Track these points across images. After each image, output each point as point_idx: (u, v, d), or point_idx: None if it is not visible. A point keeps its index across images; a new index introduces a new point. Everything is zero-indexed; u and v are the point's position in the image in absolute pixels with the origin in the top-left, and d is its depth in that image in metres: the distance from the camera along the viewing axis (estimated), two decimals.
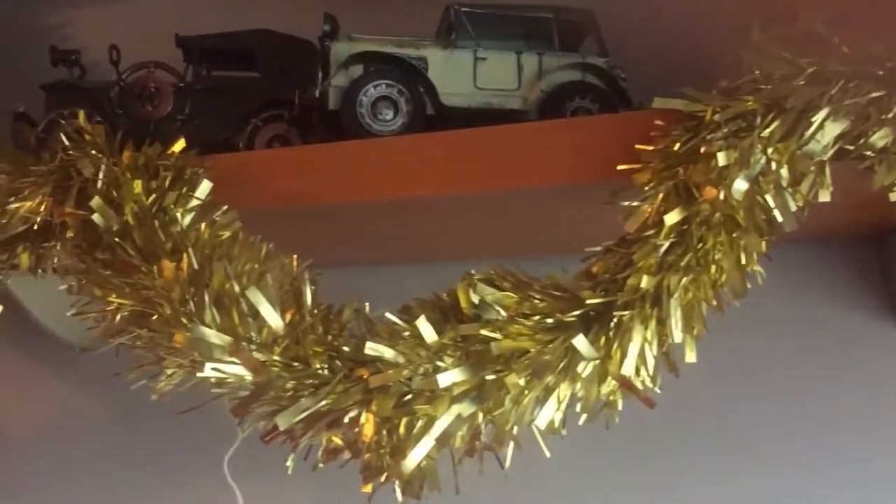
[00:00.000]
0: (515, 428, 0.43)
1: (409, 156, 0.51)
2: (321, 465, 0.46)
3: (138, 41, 0.65)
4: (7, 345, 0.81)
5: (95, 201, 0.48)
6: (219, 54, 0.65)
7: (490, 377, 0.42)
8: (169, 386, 0.47)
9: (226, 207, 0.51)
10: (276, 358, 0.44)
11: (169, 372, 0.47)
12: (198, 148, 0.53)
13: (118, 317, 0.48)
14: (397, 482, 0.44)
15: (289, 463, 0.46)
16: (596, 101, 0.56)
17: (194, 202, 0.51)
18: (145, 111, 0.62)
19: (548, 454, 0.45)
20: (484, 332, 0.43)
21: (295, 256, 0.48)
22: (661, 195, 0.43)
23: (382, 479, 0.44)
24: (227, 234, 0.50)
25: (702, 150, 0.41)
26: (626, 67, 0.59)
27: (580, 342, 0.42)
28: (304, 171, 0.52)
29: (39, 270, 0.55)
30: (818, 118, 0.39)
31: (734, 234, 0.41)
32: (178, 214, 0.49)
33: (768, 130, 0.40)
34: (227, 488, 0.54)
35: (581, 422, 0.44)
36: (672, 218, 0.41)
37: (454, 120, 0.55)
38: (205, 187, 0.51)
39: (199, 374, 0.43)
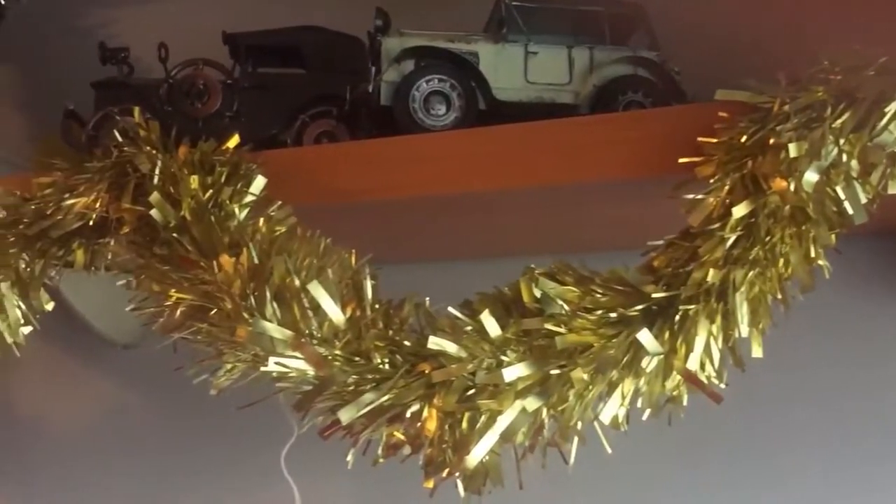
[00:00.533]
0: (579, 424, 0.43)
1: (463, 150, 0.51)
2: (381, 460, 0.46)
3: (183, 38, 0.65)
4: (51, 341, 0.81)
5: (154, 197, 0.48)
6: (265, 51, 0.65)
7: (555, 372, 0.42)
8: (228, 381, 0.47)
9: (280, 203, 0.51)
10: (337, 353, 0.44)
11: (228, 367, 0.47)
12: (247, 144, 0.53)
13: (178, 312, 0.48)
14: (459, 477, 0.44)
15: (349, 458, 0.46)
16: (648, 96, 0.56)
17: (249, 198, 0.51)
18: (194, 108, 0.62)
19: (609, 450, 0.45)
20: (548, 326, 0.42)
21: (353, 251, 0.48)
22: (726, 188, 0.42)
23: (444, 474, 0.44)
24: (282, 229, 0.50)
25: (771, 141, 0.40)
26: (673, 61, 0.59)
27: (645, 336, 0.42)
28: (358, 166, 0.52)
29: (93, 267, 0.56)
30: (891, 109, 0.39)
31: (803, 227, 0.41)
32: (235, 210, 0.49)
33: (839, 121, 0.40)
34: (282, 483, 0.53)
35: (644, 417, 0.44)
36: (740, 210, 0.41)
37: (506, 114, 0.54)
38: (259, 183, 0.51)
39: (262, 369, 0.43)
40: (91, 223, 0.53)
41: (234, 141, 0.52)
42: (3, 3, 0.67)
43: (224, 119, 0.62)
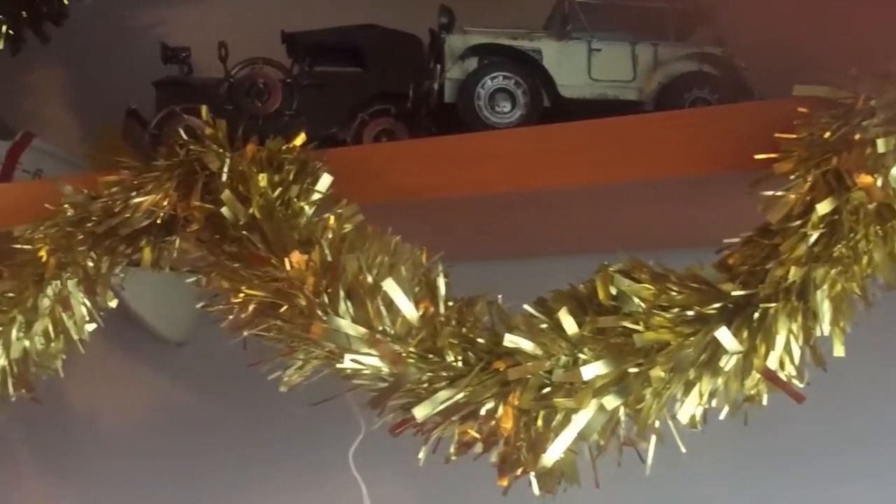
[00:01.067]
0: (657, 422, 0.42)
1: (529, 148, 0.51)
2: (453, 457, 0.46)
3: (235, 37, 0.66)
4: (104, 338, 0.82)
5: (225, 195, 0.49)
6: (322, 50, 0.65)
7: (633, 370, 0.41)
8: (300, 378, 0.47)
9: (345, 201, 0.51)
10: (411, 350, 0.44)
11: (299, 363, 0.47)
12: (312, 142, 0.53)
13: (250, 308, 0.48)
14: (534, 476, 0.43)
15: (421, 455, 0.46)
16: (715, 92, 0.55)
17: (315, 196, 0.51)
18: (254, 107, 0.62)
19: (683, 449, 0.44)
20: (625, 324, 0.42)
21: (424, 249, 0.47)
22: (807, 184, 0.42)
23: (519, 472, 0.44)
24: (349, 227, 0.50)
25: (856, 136, 0.40)
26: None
27: (724, 335, 0.41)
28: (423, 164, 0.52)
29: (158, 265, 0.56)
30: None
31: (889, 224, 0.40)
32: (304, 207, 0.49)
33: None
34: (348, 480, 0.53)
35: (721, 416, 0.43)
36: (824, 207, 0.40)
37: (570, 111, 0.54)
38: (325, 181, 0.51)
39: (338, 366, 0.43)
40: (159, 221, 0.53)
41: (300, 139, 0.52)
42: (66, 2, 0.68)
43: (283, 117, 0.62)
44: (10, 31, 0.66)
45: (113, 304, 0.58)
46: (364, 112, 0.62)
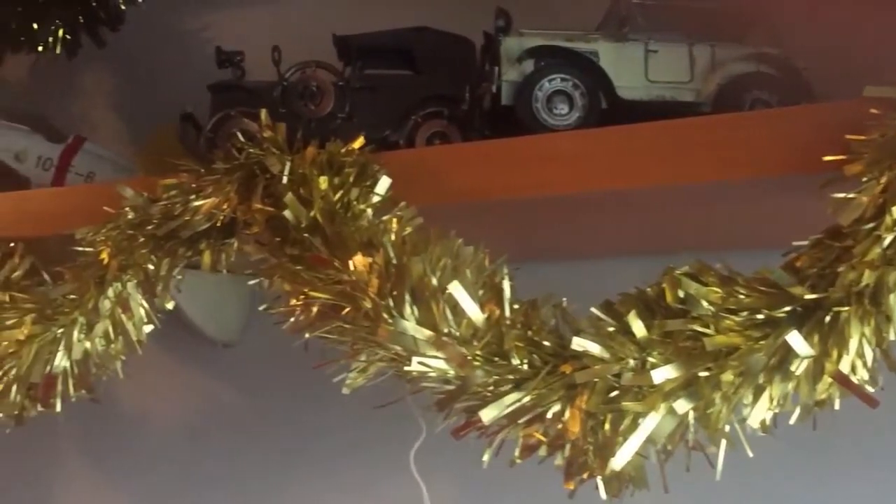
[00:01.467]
0: (727, 427, 0.42)
1: (589, 150, 0.50)
2: (518, 461, 0.45)
3: (286, 40, 0.66)
4: (153, 340, 0.83)
5: (289, 197, 0.49)
6: (374, 52, 0.65)
7: (703, 374, 0.41)
8: (363, 380, 0.47)
9: (404, 203, 0.52)
10: (476, 353, 0.44)
11: (360, 366, 0.47)
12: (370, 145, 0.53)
13: (312, 311, 0.48)
14: (601, 480, 0.43)
15: (485, 458, 0.46)
16: (774, 93, 0.55)
17: (375, 198, 0.51)
18: (308, 110, 0.63)
19: (751, 454, 0.44)
20: (694, 327, 0.42)
21: (487, 251, 0.47)
22: (880, 186, 0.41)
23: (585, 476, 0.44)
24: (409, 229, 0.50)
25: None
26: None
27: (795, 339, 0.41)
28: (484, 166, 0.52)
29: (216, 268, 0.57)
30: None
31: None
32: (367, 210, 0.49)
33: None
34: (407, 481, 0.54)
35: (792, 421, 0.43)
36: None
37: (627, 113, 0.54)
38: (384, 183, 0.52)
39: (405, 368, 0.43)
40: (218, 224, 0.54)
41: (359, 142, 0.53)
42: (122, 6, 0.69)
43: (336, 120, 0.62)
44: (68, 36, 0.67)
45: (170, 305, 0.59)
46: (417, 115, 0.62)
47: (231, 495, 0.79)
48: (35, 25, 0.64)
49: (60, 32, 0.66)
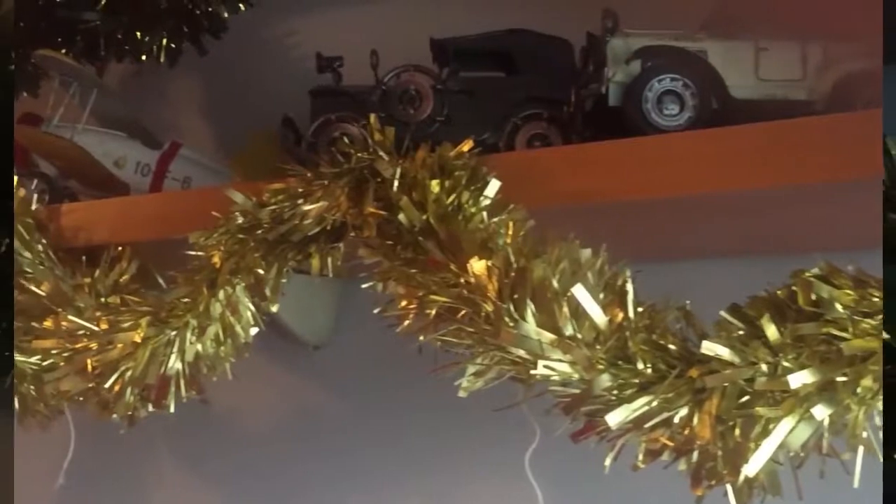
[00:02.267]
0: (864, 433, 0.41)
1: (706, 150, 0.50)
2: (641, 465, 0.45)
3: (376, 44, 0.66)
4: None
5: (404, 201, 0.49)
6: (471, 55, 0.65)
7: (841, 379, 0.40)
8: (481, 383, 0.47)
9: (512, 206, 0.52)
10: (600, 356, 0.44)
11: (480, 368, 0.47)
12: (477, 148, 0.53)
13: (427, 313, 0.48)
14: (730, 486, 0.43)
15: (607, 462, 0.45)
16: None
17: (485, 201, 0.51)
18: (407, 114, 0.63)
19: (881, 459, 0.43)
20: (829, 331, 0.41)
21: (606, 254, 0.47)
22: None
23: (714, 482, 0.43)
24: (522, 231, 0.50)
25: None
26: None
27: None
28: (594, 167, 0.52)
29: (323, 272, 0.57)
30: None
31: None
32: (482, 213, 0.50)
33: None
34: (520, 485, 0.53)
35: None
36: None
37: (738, 113, 0.53)
38: (493, 186, 0.52)
39: (532, 372, 0.43)
40: (328, 228, 0.54)
41: (468, 144, 0.53)
42: (225, 14, 0.70)
43: (435, 124, 0.63)
44: (172, 45, 0.68)
45: (275, 308, 0.60)
46: (516, 117, 0.62)
47: (325, 497, 0.80)
48: (139, 35, 0.66)
49: (164, 41, 0.68)
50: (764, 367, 0.41)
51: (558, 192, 0.53)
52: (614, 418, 0.43)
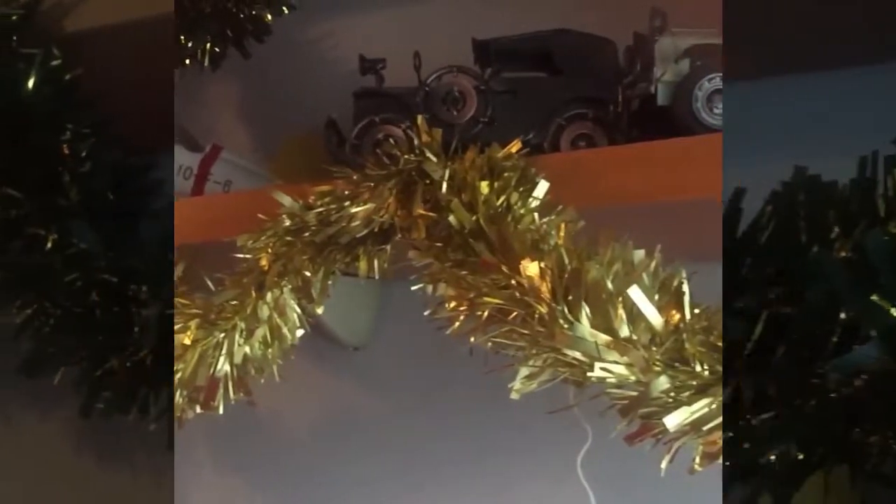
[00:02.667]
0: None
1: None
2: (698, 468, 0.45)
3: (417, 45, 0.66)
4: None
5: (454, 203, 0.49)
6: (513, 55, 0.65)
7: None
8: (534, 385, 0.47)
9: (561, 207, 0.51)
10: (657, 358, 0.43)
11: (534, 370, 0.47)
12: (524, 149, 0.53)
13: (479, 314, 0.48)
14: None
15: (663, 465, 0.45)
16: None
17: (534, 203, 0.51)
18: (450, 115, 0.63)
19: None
20: None
21: (659, 254, 0.47)
22: None
23: None
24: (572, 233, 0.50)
25: None
26: None
27: None
28: (641, 168, 0.51)
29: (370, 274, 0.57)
30: None
31: None
32: (534, 215, 0.49)
33: None
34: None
35: None
36: None
37: None
38: (542, 187, 0.51)
39: (588, 374, 0.43)
40: (376, 230, 0.55)
41: (516, 145, 0.53)
42: (269, 18, 0.70)
43: (479, 125, 0.62)
44: (216, 49, 0.69)
45: (320, 310, 0.60)
46: (560, 117, 0.62)
47: (366, 497, 0.80)
48: (183, 39, 0.66)
49: (208, 46, 0.68)
50: None
51: (607, 192, 0.52)
52: (673, 420, 0.42)
